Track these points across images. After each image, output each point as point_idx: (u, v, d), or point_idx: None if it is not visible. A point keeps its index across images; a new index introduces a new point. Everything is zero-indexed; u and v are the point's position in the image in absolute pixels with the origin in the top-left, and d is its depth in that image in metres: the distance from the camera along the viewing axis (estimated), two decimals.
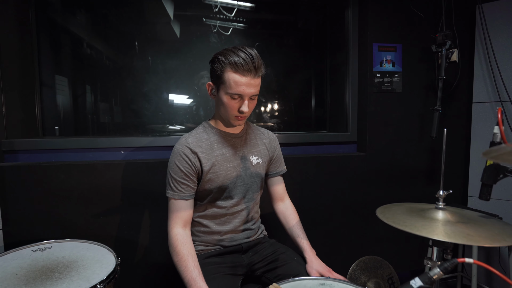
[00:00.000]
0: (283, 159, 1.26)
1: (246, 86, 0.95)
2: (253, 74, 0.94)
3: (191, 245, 0.98)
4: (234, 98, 0.97)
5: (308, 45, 2.24)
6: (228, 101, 0.98)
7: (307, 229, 1.17)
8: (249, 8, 2.06)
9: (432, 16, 1.76)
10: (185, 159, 1.00)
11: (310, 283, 0.93)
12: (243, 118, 1.02)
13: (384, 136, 1.78)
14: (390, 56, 1.75)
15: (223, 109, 1.01)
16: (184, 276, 0.92)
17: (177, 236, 0.98)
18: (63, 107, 1.82)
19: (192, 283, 0.89)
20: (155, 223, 1.52)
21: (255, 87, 0.97)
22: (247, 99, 0.97)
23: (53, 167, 1.43)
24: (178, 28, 2.06)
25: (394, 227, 0.80)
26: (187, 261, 0.93)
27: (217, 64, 0.97)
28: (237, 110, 0.98)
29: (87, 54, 1.86)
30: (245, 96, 0.96)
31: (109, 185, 1.47)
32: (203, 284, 0.89)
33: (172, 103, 1.97)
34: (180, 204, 1.00)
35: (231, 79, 0.94)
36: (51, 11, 1.76)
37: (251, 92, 0.97)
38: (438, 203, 0.87)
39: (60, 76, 1.81)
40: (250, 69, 0.94)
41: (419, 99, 1.78)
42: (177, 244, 0.96)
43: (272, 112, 2.10)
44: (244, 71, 0.93)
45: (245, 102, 0.97)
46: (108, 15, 1.90)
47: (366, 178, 1.75)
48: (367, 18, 1.74)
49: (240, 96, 0.96)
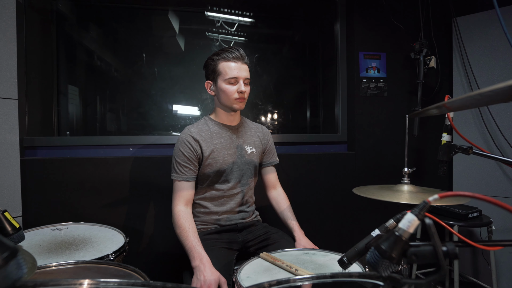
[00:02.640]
0: (275, 151, 1.44)
1: (239, 70, 1.17)
2: (241, 60, 1.18)
3: (191, 220, 1.15)
4: (231, 83, 1.18)
5: (303, 56, 2.48)
6: (227, 86, 1.19)
7: (300, 221, 1.32)
8: (249, 23, 2.30)
9: (413, 27, 1.98)
10: (188, 146, 1.19)
11: (296, 253, 1.09)
12: (243, 99, 1.21)
13: (372, 136, 1.95)
14: (375, 63, 1.96)
15: (224, 97, 1.21)
16: (185, 244, 1.07)
17: (180, 212, 1.14)
18: (75, 114, 2.03)
19: (192, 249, 1.05)
20: (159, 214, 1.69)
21: (246, 71, 1.20)
22: (242, 81, 1.18)
23: (68, 161, 1.63)
24: (183, 41, 2.31)
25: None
26: (188, 232, 1.09)
27: (211, 62, 1.22)
28: (237, 92, 1.18)
29: (98, 65, 2.10)
30: (240, 78, 1.17)
31: (118, 178, 1.65)
32: (202, 250, 1.05)
33: (176, 113, 2.18)
34: (183, 185, 1.18)
35: (226, 67, 1.17)
36: (67, 26, 2.02)
37: (244, 75, 1.19)
38: (403, 179, 1.04)
39: (72, 86, 2.03)
40: (238, 56, 1.18)
41: (402, 102, 1.98)
42: (179, 219, 1.13)
43: (272, 117, 2.30)
44: (234, 59, 1.17)
45: (241, 82, 1.17)
46: (118, 29, 2.16)
47: (356, 175, 1.91)
48: (353, 29, 1.97)
49: (235, 79, 1.17)
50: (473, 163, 1.91)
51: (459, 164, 2.00)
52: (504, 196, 1.82)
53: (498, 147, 1.82)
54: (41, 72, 1.84)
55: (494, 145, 1.84)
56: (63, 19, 2.00)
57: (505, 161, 0.87)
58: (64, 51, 2.01)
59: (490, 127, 1.84)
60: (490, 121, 1.83)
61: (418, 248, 0.46)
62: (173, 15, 2.21)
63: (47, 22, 1.91)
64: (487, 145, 1.88)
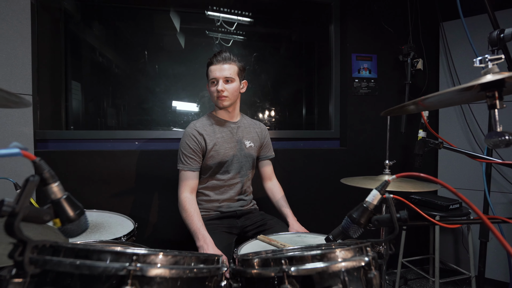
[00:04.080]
0: (271, 146, 1.58)
1: (218, 71, 1.31)
2: (222, 62, 1.32)
3: (196, 206, 1.29)
4: (213, 83, 1.34)
5: (299, 55, 2.61)
6: (209, 87, 1.36)
7: (295, 209, 1.45)
8: (248, 22, 2.43)
9: (402, 31, 2.13)
10: (193, 139, 1.33)
11: (289, 235, 1.24)
12: (222, 97, 1.33)
13: (362, 133, 2.11)
14: (366, 65, 2.11)
15: (211, 97, 1.37)
16: (191, 227, 1.22)
17: (186, 198, 1.29)
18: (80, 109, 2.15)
19: (197, 231, 1.19)
20: (163, 204, 1.83)
21: (226, 70, 1.32)
22: (221, 81, 1.31)
23: (78, 153, 1.76)
24: (183, 40, 2.43)
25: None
26: (193, 216, 1.24)
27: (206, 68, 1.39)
28: (216, 91, 1.32)
29: (101, 62, 2.22)
30: (219, 78, 1.31)
31: (125, 170, 1.79)
32: (205, 232, 1.20)
33: (175, 109, 2.31)
34: (189, 174, 1.32)
35: (209, 71, 1.35)
36: (73, 24, 2.13)
37: (222, 75, 1.31)
38: (385, 170, 1.19)
39: (75, 82, 2.15)
40: (218, 60, 1.32)
41: (392, 101, 2.13)
42: (185, 204, 1.27)
43: (269, 114, 2.44)
44: (216, 62, 1.32)
45: (220, 82, 1.31)
46: (120, 27, 2.27)
47: (346, 168, 2.06)
48: (346, 32, 2.11)
49: (215, 79, 1.32)
50: (457, 159, 2.07)
51: (443, 159, 2.16)
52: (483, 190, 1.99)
53: (478, 144, 1.99)
54: (51, 68, 1.96)
55: (475, 143, 2.00)
56: (70, 18, 2.11)
57: (471, 155, 1.03)
58: (71, 48, 2.13)
59: (472, 126, 2.00)
60: (472, 120, 1.99)
61: (379, 216, 0.61)
62: (175, 14, 2.33)
63: (55, 21, 2.03)
64: (469, 142, 2.04)
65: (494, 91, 0.64)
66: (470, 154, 1.01)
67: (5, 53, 1.54)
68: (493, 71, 0.65)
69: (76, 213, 0.48)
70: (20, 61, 1.59)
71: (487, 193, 1.40)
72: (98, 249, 0.45)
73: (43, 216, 0.45)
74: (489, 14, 1.09)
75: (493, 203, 1.98)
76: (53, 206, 0.47)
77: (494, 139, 0.63)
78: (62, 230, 0.49)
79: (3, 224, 0.42)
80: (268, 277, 0.53)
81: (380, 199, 0.62)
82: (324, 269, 0.51)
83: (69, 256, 0.46)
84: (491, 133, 0.64)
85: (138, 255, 0.46)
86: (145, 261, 0.46)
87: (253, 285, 0.57)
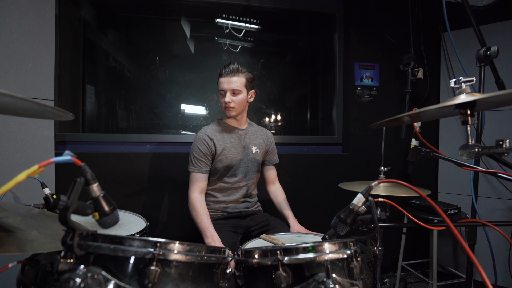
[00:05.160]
0: (276, 152, 1.69)
1: (226, 83, 1.44)
2: (230, 75, 1.43)
3: (205, 206, 1.41)
4: (221, 94, 1.46)
5: (305, 62, 2.72)
6: (219, 98, 1.48)
7: (298, 212, 1.55)
8: (256, 29, 2.55)
9: (404, 41, 2.22)
10: (204, 143, 1.45)
11: (290, 235, 1.34)
12: (230, 108, 1.45)
13: (364, 139, 2.20)
14: (369, 73, 2.21)
15: (220, 106, 1.49)
16: (200, 225, 1.34)
17: (196, 198, 1.40)
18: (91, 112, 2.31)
19: (205, 229, 1.31)
20: (172, 204, 1.96)
21: (233, 83, 1.43)
22: (229, 93, 1.43)
23: (95, 155, 1.90)
24: (193, 45, 2.57)
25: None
26: (202, 215, 1.35)
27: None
28: (224, 102, 1.45)
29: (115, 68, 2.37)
30: (227, 90, 1.43)
31: (138, 172, 1.92)
32: (213, 230, 1.31)
33: (184, 112, 2.44)
34: (199, 176, 1.44)
35: (219, 82, 1.47)
36: (90, 32, 2.29)
37: (230, 87, 1.43)
38: (380, 176, 1.28)
39: (90, 86, 2.31)
40: (227, 72, 1.44)
41: (393, 109, 2.22)
42: (195, 203, 1.39)
43: (274, 119, 2.56)
44: (225, 74, 1.44)
45: (227, 94, 1.43)
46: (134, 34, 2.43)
47: (349, 174, 2.16)
48: (350, 42, 2.21)
49: (223, 91, 1.44)
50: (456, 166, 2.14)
51: (444, 167, 2.23)
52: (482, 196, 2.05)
53: None
54: (70, 74, 2.12)
55: None
56: (87, 26, 2.28)
57: (458, 163, 1.12)
58: (88, 55, 2.29)
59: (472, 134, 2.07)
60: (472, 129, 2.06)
61: (363, 216, 0.71)
62: (185, 21, 2.47)
63: (75, 30, 2.19)
64: None
65: (467, 109, 0.74)
66: (457, 162, 1.10)
67: (32, 62, 1.70)
68: (466, 91, 0.75)
69: (111, 208, 0.61)
70: (44, 69, 1.74)
71: (473, 199, 1.48)
72: (129, 237, 0.57)
73: (86, 210, 0.57)
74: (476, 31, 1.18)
75: (493, 209, 2.05)
76: (93, 202, 0.59)
77: (466, 151, 0.73)
78: (99, 222, 0.61)
79: (58, 215, 0.54)
80: (266, 265, 0.64)
81: (364, 202, 0.72)
82: (312, 259, 0.61)
83: (105, 242, 0.58)
84: (464, 145, 0.74)
85: (161, 243, 0.57)
86: (166, 247, 0.58)
87: (254, 272, 0.68)
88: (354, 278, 0.62)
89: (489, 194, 2.06)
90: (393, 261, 2.27)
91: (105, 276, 0.52)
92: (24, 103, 0.64)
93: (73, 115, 0.67)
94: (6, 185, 0.47)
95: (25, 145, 1.66)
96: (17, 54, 1.63)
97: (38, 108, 0.68)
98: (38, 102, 0.61)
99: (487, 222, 0.96)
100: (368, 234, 0.69)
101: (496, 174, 0.95)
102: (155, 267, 0.54)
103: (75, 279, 0.48)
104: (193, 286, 0.60)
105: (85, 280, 0.49)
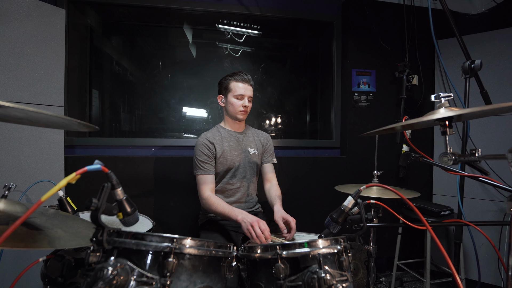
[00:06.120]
0: (274, 154, 1.78)
1: (245, 90, 1.57)
2: (248, 83, 1.57)
3: (219, 198, 1.49)
4: (238, 98, 1.57)
5: (304, 68, 2.83)
6: (235, 101, 1.58)
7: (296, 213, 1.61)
8: (257, 35, 2.65)
9: (400, 48, 2.32)
10: (206, 147, 1.55)
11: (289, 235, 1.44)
12: (245, 112, 1.59)
13: (361, 143, 2.30)
14: (366, 79, 2.31)
15: (231, 108, 1.59)
16: (223, 212, 1.38)
17: (209, 195, 1.48)
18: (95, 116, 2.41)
19: (230, 211, 1.36)
20: (177, 206, 2.06)
21: (250, 91, 1.59)
22: (246, 98, 1.57)
23: (102, 159, 1.99)
24: (195, 50, 2.68)
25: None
26: (221, 204, 1.42)
27: (224, 81, 1.62)
28: (241, 106, 1.56)
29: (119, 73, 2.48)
30: (245, 96, 1.56)
31: (143, 174, 2.02)
32: (237, 209, 1.37)
33: (185, 115, 2.54)
34: (206, 178, 1.53)
35: (236, 86, 1.57)
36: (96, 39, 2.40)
37: (248, 94, 1.57)
38: (373, 179, 1.39)
39: (95, 90, 2.41)
40: (245, 79, 1.57)
41: (389, 114, 2.32)
42: (211, 199, 1.46)
43: (273, 123, 2.66)
44: (242, 80, 1.56)
45: (245, 99, 1.56)
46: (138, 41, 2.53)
47: (346, 176, 2.26)
48: (347, 49, 2.32)
49: (242, 96, 1.56)
50: None
51: (439, 170, 2.33)
52: (475, 198, 2.15)
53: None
54: (78, 81, 2.22)
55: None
56: (94, 34, 2.38)
57: (444, 168, 1.22)
58: (94, 61, 2.39)
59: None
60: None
61: (353, 216, 0.81)
62: (188, 28, 2.58)
63: (83, 39, 2.30)
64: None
65: (445, 121, 0.84)
66: (443, 166, 1.20)
67: (43, 70, 1.80)
68: (445, 106, 0.85)
69: (132, 209, 0.71)
70: (55, 76, 1.85)
71: (459, 201, 1.58)
72: (149, 233, 0.68)
73: (112, 211, 0.68)
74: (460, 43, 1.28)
75: (485, 210, 2.15)
76: (118, 204, 0.69)
77: (445, 158, 0.83)
78: (123, 221, 0.71)
79: (90, 215, 0.64)
80: (266, 259, 0.74)
81: (353, 203, 0.82)
82: (307, 253, 0.71)
83: (128, 238, 0.68)
84: (442, 153, 0.84)
85: (176, 238, 0.67)
86: (181, 242, 0.68)
87: (255, 265, 0.78)
88: (344, 270, 0.72)
89: (481, 196, 2.16)
90: (390, 260, 2.36)
91: (131, 266, 0.62)
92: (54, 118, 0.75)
93: (98, 128, 0.77)
94: (51, 190, 0.57)
95: (37, 149, 1.76)
96: (30, 63, 1.73)
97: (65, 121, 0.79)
98: (66, 118, 0.72)
99: (468, 222, 1.06)
100: (356, 232, 0.79)
101: (478, 178, 1.05)
102: (172, 258, 0.64)
103: (108, 267, 0.58)
104: (204, 276, 0.70)
105: (115, 269, 0.59)
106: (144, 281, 0.61)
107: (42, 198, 0.56)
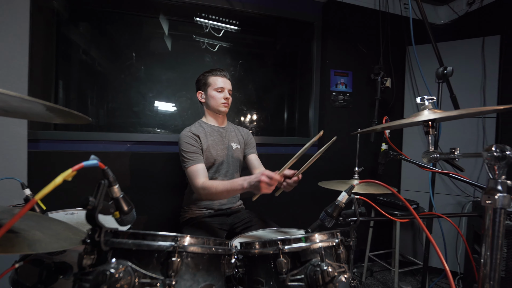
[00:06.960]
0: (255, 146, 1.78)
1: (224, 83, 1.60)
2: (226, 77, 1.63)
3: (214, 180, 1.44)
4: (219, 91, 1.58)
5: (283, 65, 2.86)
6: (216, 94, 1.58)
7: (280, 212, 1.66)
8: (235, 30, 2.62)
9: (375, 51, 2.45)
10: (192, 139, 1.52)
11: (269, 231, 1.46)
12: (227, 104, 1.61)
13: (338, 141, 2.38)
14: (343, 80, 2.40)
15: (213, 102, 1.59)
16: (226, 189, 1.29)
17: (204, 182, 1.39)
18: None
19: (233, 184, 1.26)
20: (153, 203, 1.98)
21: (229, 84, 1.63)
22: (227, 91, 1.60)
23: (71, 154, 1.87)
24: (170, 42, 2.58)
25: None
26: (219, 184, 1.32)
27: (202, 77, 1.63)
28: (223, 98, 1.58)
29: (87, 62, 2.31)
30: (225, 89, 1.59)
31: (119, 171, 1.92)
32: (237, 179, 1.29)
33: (157, 109, 2.44)
34: (198, 167, 1.46)
35: (215, 80, 1.59)
36: (63, 25, 2.21)
37: (228, 87, 1.61)
38: (354, 175, 1.46)
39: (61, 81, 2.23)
40: (224, 74, 1.62)
41: (364, 113, 2.44)
42: (207, 185, 1.36)
43: (252, 120, 2.66)
44: (221, 75, 1.59)
45: (226, 91, 1.59)
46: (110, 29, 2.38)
47: (325, 173, 2.33)
48: (326, 49, 2.39)
49: (222, 88, 1.59)
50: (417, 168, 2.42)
51: (406, 167, 2.51)
52: (437, 193, 2.36)
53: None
54: (43, 69, 2.04)
55: None
56: (61, 19, 2.20)
57: (419, 165, 1.32)
58: (61, 49, 2.21)
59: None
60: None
61: (346, 211, 0.85)
62: (164, 19, 2.48)
63: (48, 23, 2.10)
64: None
65: (429, 122, 0.91)
66: (419, 164, 1.30)
67: (4, 56, 1.63)
68: (429, 108, 0.92)
69: (129, 208, 0.67)
70: (17, 63, 1.68)
71: (431, 195, 1.73)
72: (150, 232, 0.65)
73: (109, 209, 0.64)
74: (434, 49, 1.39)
75: (445, 204, 2.35)
76: (114, 202, 0.66)
77: (427, 156, 0.90)
78: (119, 221, 0.67)
79: (86, 214, 0.60)
80: (267, 254, 0.75)
81: (347, 198, 0.86)
82: (307, 247, 0.74)
83: (125, 238, 0.65)
84: (425, 152, 0.91)
85: (179, 237, 0.66)
86: (183, 241, 0.66)
87: (254, 261, 0.79)
88: (341, 262, 0.75)
89: (442, 191, 2.37)
90: (361, 252, 2.50)
91: (133, 267, 0.60)
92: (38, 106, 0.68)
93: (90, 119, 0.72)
94: (45, 188, 0.52)
95: None
96: None
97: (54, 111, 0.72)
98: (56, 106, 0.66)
99: (441, 214, 1.17)
100: (351, 226, 0.83)
101: (449, 174, 1.15)
102: (176, 258, 0.63)
103: (110, 270, 0.55)
104: (206, 274, 0.69)
105: (118, 271, 0.56)
106: (148, 283, 0.59)
107: (36, 196, 0.51)
